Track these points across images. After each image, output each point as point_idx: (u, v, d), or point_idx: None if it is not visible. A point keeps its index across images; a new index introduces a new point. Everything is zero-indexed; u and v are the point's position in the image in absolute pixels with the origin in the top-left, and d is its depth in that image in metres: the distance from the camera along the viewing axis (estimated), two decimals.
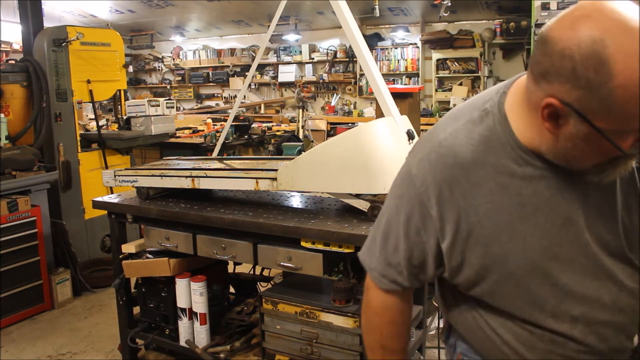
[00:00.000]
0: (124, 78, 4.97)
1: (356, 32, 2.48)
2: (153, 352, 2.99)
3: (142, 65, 11.74)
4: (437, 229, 1.06)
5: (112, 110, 5.46)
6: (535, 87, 0.93)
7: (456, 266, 1.07)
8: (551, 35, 0.89)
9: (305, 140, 5.93)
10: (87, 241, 4.55)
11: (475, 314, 1.15)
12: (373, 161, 2.13)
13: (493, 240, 1.02)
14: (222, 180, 2.54)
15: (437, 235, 1.06)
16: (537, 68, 0.92)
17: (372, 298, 1.23)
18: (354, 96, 9.69)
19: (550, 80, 0.90)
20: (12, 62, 4.48)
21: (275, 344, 2.40)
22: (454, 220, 1.03)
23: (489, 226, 1.02)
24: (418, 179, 1.06)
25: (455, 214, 1.03)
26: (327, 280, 2.38)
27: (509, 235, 1.02)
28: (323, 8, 8.57)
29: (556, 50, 0.87)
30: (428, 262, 1.12)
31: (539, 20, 4.23)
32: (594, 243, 1.02)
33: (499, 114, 1.03)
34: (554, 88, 0.89)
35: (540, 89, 0.92)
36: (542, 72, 0.91)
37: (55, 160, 4.31)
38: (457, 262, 1.07)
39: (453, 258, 1.06)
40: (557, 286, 1.02)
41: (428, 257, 1.11)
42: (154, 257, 2.72)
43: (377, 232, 1.19)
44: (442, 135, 1.07)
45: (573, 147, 0.93)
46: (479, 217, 1.02)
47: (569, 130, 0.91)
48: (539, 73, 0.92)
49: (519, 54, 7.49)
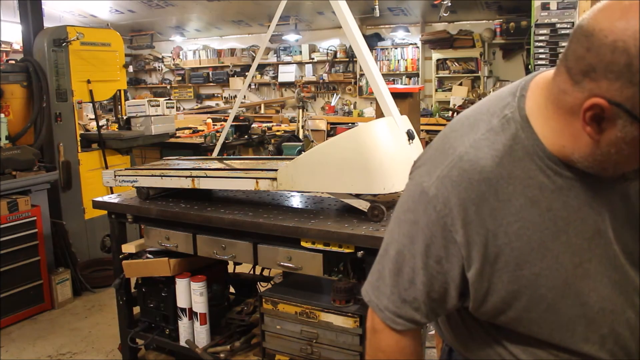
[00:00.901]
0: (124, 78, 4.97)
1: (356, 32, 2.48)
2: (153, 352, 2.99)
3: (142, 65, 11.74)
4: (463, 256, 0.94)
5: (112, 110, 5.46)
6: (574, 88, 0.83)
7: (482, 295, 0.96)
8: (597, 27, 0.79)
9: (305, 140, 5.93)
10: (87, 241, 4.55)
11: (493, 342, 1.03)
12: (373, 161, 2.13)
13: (523, 262, 0.92)
14: (222, 180, 2.54)
15: (463, 263, 0.94)
16: (579, 65, 0.81)
17: (382, 341, 1.07)
18: (354, 96, 9.69)
19: (596, 78, 0.79)
20: (12, 62, 4.49)
21: (275, 344, 2.40)
22: (482, 244, 0.92)
23: (519, 247, 0.92)
24: (439, 201, 0.94)
25: (483, 237, 0.92)
26: (327, 280, 2.38)
27: (541, 255, 0.92)
28: (323, 8, 8.58)
29: (605, 43, 0.77)
30: (450, 294, 0.99)
31: (538, 20, 4.23)
32: (620, 254, 0.94)
33: (521, 120, 0.93)
34: (600, 87, 0.79)
35: (581, 89, 0.82)
36: (586, 70, 0.80)
37: (56, 160, 4.31)
38: (483, 291, 0.95)
39: (480, 287, 0.95)
40: (587, 305, 0.93)
41: (450, 289, 0.98)
42: (154, 257, 2.73)
43: (385, 265, 1.04)
44: (462, 148, 0.95)
45: (617, 153, 0.84)
46: (509, 238, 0.91)
47: (614, 134, 0.82)
48: (580, 71, 0.81)
49: (519, 54, 7.49)
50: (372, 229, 2.10)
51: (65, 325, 3.76)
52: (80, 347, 3.45)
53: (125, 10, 9.58)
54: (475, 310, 0.99)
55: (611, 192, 0.93)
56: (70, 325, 3.77)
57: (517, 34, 7.31)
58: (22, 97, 4.27)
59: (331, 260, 2.25)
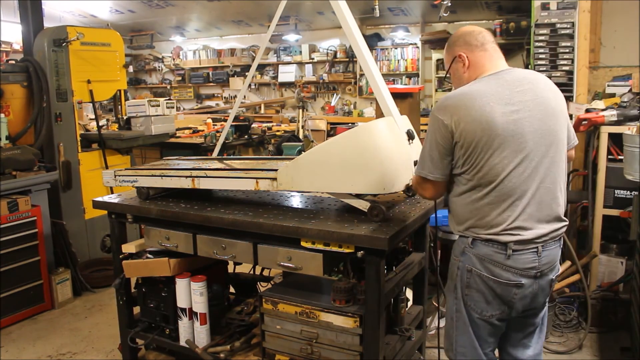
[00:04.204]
0: (124, 78, 4.97)
1: (356, 32, 2.48)
2: (153, 352, 2.99)
3: (142, 65, 11.75)
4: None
5: (112, 110, 5.46)
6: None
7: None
8: None
9: (305, 140, 5.93)
10: (87, 241, 4.56)
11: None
12: (373, 161, 2.13)
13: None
14: (222, 180, 2.54)
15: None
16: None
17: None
18: (354, 96, 9.69)
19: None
20: (13, 62, 4.48)
21: (275, 344, 2.40)
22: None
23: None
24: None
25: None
26: (327, 280, 2.38)
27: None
28: (323, 8, 8.57)
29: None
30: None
31: (538, 20, 4.23)
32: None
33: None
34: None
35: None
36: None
37: (56, 160, 4.31)
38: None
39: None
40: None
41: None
42: (154, 257, 2.73)
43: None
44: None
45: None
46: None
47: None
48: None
49: (519, 54, 7.47)
50: (372, 229, 2.10)
51: (65, 325, 3.76)
52: (80, 347, 3.45)
53: (125, 10, 9.57)
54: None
55: None
56: (70, 325, 3.77)
57: (517, 34, 7.29)
58: (22, 97, 4.27)
59: (331, 260, 2.25)
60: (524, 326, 2.07)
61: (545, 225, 1.87)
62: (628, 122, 3.52)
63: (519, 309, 1.94)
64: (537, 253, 1.87)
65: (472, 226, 1.91)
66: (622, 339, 3.35)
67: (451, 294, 2.03)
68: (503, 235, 1.84)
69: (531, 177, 1.84)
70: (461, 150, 1.85)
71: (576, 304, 3.63)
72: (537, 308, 2.02)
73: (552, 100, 1.91)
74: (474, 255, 1.91)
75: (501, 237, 1.84)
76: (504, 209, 1.83)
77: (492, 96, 1.83)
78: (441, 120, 1.87)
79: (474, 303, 1.95)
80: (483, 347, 2.00)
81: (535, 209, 1.85)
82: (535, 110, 1.86)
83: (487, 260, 1.88)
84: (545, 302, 2.05)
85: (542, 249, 1.88)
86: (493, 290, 1.90)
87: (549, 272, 1.94)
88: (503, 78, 1.90)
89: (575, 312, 3.61)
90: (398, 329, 2.55)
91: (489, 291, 1.91)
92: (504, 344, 2.11)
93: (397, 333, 2.54)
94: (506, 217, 1.83)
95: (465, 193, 1.91)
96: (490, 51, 1.97)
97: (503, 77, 1.90)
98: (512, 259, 1.85)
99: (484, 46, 1.97)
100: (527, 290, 1.90)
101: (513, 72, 1.94)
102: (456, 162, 1.90)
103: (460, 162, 1.88)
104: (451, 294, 2.03)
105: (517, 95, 1.86)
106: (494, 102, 1.82)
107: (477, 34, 1.99)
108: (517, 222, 1.83)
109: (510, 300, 1.91)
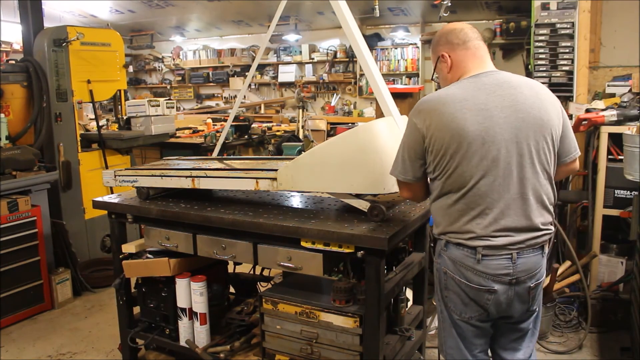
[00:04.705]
0: (124, 78, 4.97)
1: (356, 32, 2.48)
2: (153, 352, 2.99)
3: (142, 65, 11.74)
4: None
5: (112, 110, 5.47)
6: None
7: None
8: None
9: (305, 140, 5.93)
10: (87, 241, 4.56)
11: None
12: (373, 161, 2.13)
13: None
14: (222, 180, 2.54)
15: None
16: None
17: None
18: (354, 96, 9.69)
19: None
20: (12, 62, 4.48)
21: (275, 344, 2.40)
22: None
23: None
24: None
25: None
26: (327, 280, 2.38)
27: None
28: (323, 8, 8.57)
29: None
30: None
31: (538, 20, 4.23)
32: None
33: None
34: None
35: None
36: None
37: (56, 160, 4.31)
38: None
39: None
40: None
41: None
42: (154, 257, 2.73)
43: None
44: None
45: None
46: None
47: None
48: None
49: (519, 54, 7.48)
50: (372, 229, 2.10)
51: (65, 325, 3.76)
52: (80, 347, 3.45)
53: (125, 10, 9.57)
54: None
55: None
56: (70, 325, 3.77)
57: (517, 34, 7.29)
58: (22, 97, 4.27)
59: (331, 260, 2.25)
60: (512, 331, 2.02)
61: (520, 234, 1.81)
62: (628, 122, 3.52)
63: (494, 314, 1.90)
64: (511, 259, 1.81)
65: (444, 230, 1.89)
66: (622, 339, 3.35)
67: (436, 296, 2.04)
68: (472, 240, 1.81)
69: (503, 186, 1.78)
70: (431, 155, 1.84)
71: (576, 304, 3.63)
72: (517, 316, 1.94)
73: (536, 109, 1.82)
74: (448, 258, 1.90)
75: (470, 242, 1.81)
76: (474, 216, 1.80)
77: (467, 101, 1.79)
78: (414, 123, 1.86)
79: (453, 305, 1.93)
80: (470, 349, 1.98)
81: (510, 218, 1.79)
82: (512, 117, 1.79)
83: (459, 264, 1.86)
84: (530, 310, 1.95)
85: (517, 256, 1.82)
86: (466, 293, 1.88)
87: (527, 279, 1.86)
88: (481, 81, 1.85)
89: (575, 312, 3.61)
90: (398, 329, 2.55)
91: (463, 294, 1.89)
92: (494, 345, 2.09)
93: (397, 333, 2.54)
94: (475, 224, 1.80)
95: (439, 198, 1.89)
96: (472, 49, 1.92)
97: (482, 81, 1.85)
98: (482, 264, 1.81)
99: (466, 44, 1.92)
100: (502, 297, 1.85)
101: (494, 75, 1.88)
102: (428, 166, 1.89)
103: (431, 168, 1.87)
104: (436, 296, 2.04)
105: (495, 100, 1.80)
106: (468, 108, 1.77)
107: (458, 31, 1.94)
108: (487, 230, 1.79)
109: (484, 305, 1.87)
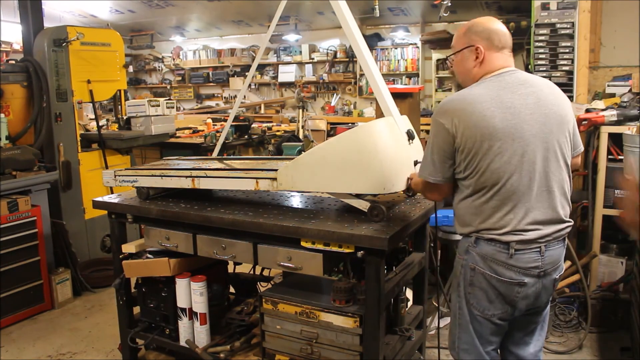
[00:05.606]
0: (124, 78, 4.97)
1: (356, 32, 2.48)
2: (153, 352, 2.99)
3: (142, 65, 11.75)
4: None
5: (112, 110, 5.46)
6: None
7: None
8: None
9: (305, 140, 5.93)
10: (87, 241, 4.56)
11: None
12: (373, 161, 2.13)
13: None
14: (222, 180, 2.54)
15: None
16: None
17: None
18: (354, 96, 9.69)
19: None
20: (12, 62, 4.48)
21: (275, 344, 2.40)
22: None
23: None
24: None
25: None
26: (327, 280, 2.38)
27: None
28: (323, 8, 8.57)
29: None
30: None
31: (538, 20, 4.22)
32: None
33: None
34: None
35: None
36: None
37: (56, 160, 4.31)
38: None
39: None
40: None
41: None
42: (154, 257, 2.72)
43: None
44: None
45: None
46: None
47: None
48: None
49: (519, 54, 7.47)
50: (372, 229, 2.10)
51: (65, 325, 3.76)
52: (80, 347, 3.45)
53: (125, 10, 9.57)
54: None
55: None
56: (70, 325, 3.77)
57: (517, 34, 7.26)
58: (22, 97, 4.27)
59: (331, 260, 2.25)
60: (527, 324, 2.08)
61: (548, 227, 1.88)
62: (628, 122, 3.52)
63: (522, 308, 1.95)
64: (540, 252, 1.88)
65: (476, 228, 1.92)
66: (622, 339, 3.35)
67: (455, 292, 2.05)
68: (506, 236, 1.86)
69: (533, 180, 1.85)
70: (462, 155, 1.87)
71: (576, 304, 3.63)
72: (540, 307, 2.03)
73: (555, 105, 1.92)
74: (477, 254, 1.92)
75: (504, 237, 1.86)
76: (507, 212, 1.85)
77: (493, 100, 1.84)
78: (442, 124, 1.88)
79: (477, 301, 1.96)
80: (485, 346, 2.01)
81: (538, 211, 1.86)
82: (537, 113, 1.86)
83: (490, 259, 1.89)
84: (549, 301, 2.07)
85: (545, 249, 1.89)
86: (496, 288, 1.92)
87: (553, 271, 1.95)
88: (505, 80, 1.90)
89: (575, 312, 3.61)
90: (398, 329, 2.55)
91: (491, 289, 1.92)
92: (506, 341, 2.13)
93: (397, 333, 2.54)
94: (509, 219, 1.85)
95: (468, 197, 1.92)
96: (505, 55, 1.98)
97: (505, 80, 1.91)
98: (514, 258, 1.87)
99: (503, 50, 1.97)
100: (530, 290, 1.91)
101: (515, 74, 1.94)
102: (458, 166, 1.91)
103: (462, 167, 1.89)
104: (455, 292, 2.05)
105: (519, 98, 1.86)
106: (495, 107, 1.83)
107: (501, 35, 1.97)
108: (520, 225, 1.85)
109: (513, 299, 1.92)
